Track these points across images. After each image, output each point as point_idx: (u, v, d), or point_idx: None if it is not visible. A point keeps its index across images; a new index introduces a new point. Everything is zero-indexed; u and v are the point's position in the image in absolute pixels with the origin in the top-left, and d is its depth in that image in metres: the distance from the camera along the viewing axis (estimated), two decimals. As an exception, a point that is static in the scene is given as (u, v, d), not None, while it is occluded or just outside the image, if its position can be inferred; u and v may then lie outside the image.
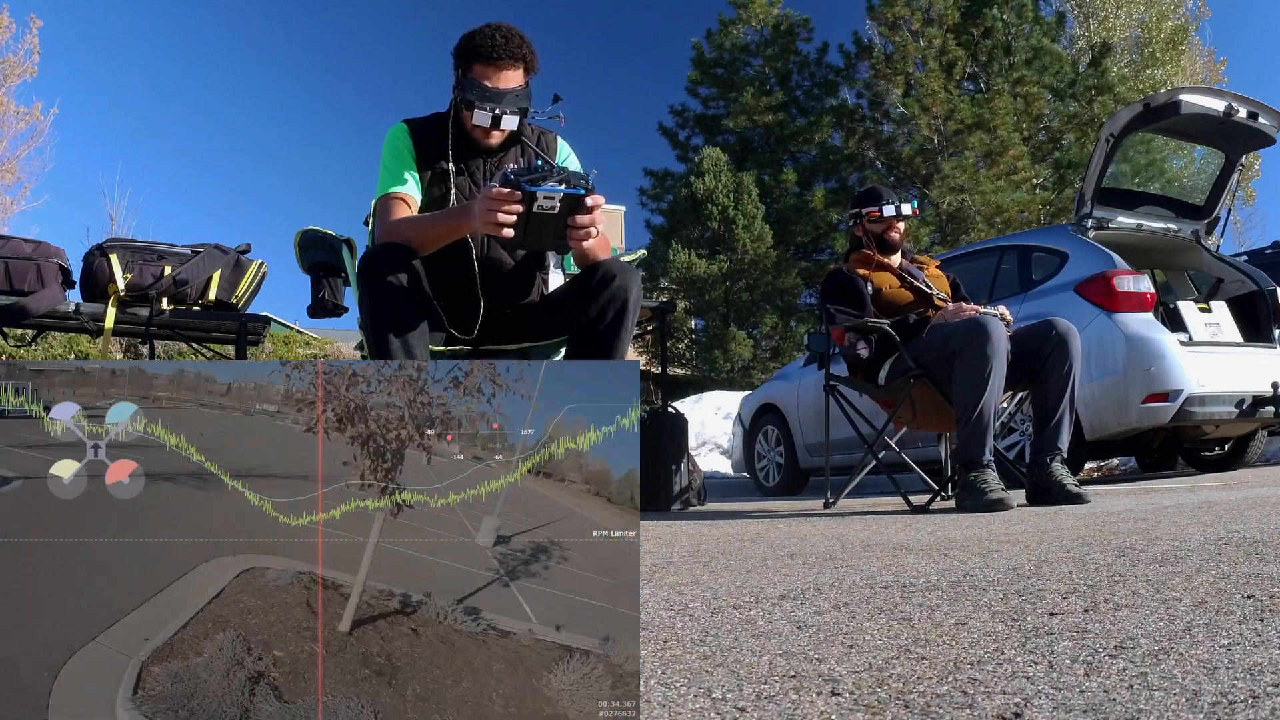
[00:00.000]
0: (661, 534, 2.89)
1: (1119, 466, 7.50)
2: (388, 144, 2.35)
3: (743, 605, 1.40)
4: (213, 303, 4.02)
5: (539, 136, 2.47)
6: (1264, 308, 5.25)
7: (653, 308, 5.30)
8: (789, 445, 6.66)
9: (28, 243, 3.81)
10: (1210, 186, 5.62)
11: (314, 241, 2.90)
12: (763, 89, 20.64)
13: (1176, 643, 0.98)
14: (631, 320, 2.19)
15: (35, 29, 15.59)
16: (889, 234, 3.78)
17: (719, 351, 17.76)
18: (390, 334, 2.08)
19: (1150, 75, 19.31)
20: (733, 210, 18.46)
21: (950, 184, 16.94)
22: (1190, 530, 2.05)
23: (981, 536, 2.24)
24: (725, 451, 10.28)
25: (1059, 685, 0.85)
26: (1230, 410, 4.58)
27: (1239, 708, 0.75)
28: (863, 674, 0.94)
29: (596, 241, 2.08)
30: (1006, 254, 5.54)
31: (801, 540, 2.43)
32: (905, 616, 1.23)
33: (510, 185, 1.88)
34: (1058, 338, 3.37)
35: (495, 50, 2.23)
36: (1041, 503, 3.30)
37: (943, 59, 17.87)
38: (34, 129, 15.63)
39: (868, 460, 3.92)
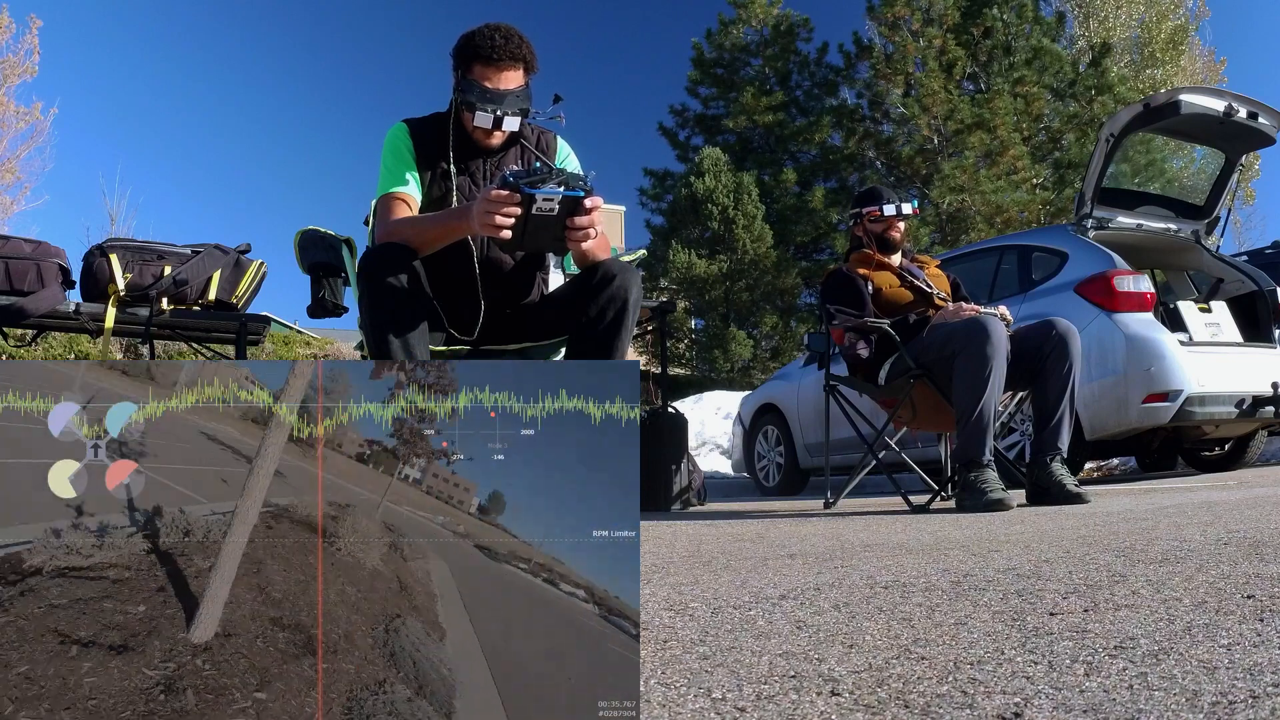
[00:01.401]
0: (661, 534, 2.89)
1: (1119, 466, 7.50)
2: (388, 144, 2.35)
3: (743, 605, 1.39)
4: (213, 303, 4.02)
5: (539, 137, 2.47)
6: (1264, 308, 5.25)
7: (653, 308, 5.30)
8: (789, 445, 6.66)
9: (28, 243, 3.81)
10: (1210, 186, 5.62)
11: (314, 241, 2.90)
12: (763, 89, 20.65)
13: (1176, 643, 0.98)
14: (631, 320, 2.19)
15: (35, 29, 15.61)
16: (889, 233, 3.78)
17: (719, 351, 17.76)
18: (390, 334, 2.08)
19: (1150, 75, 19.33)
20: (733, 210, 18.47)
21: (950, 184, 16.95)
22: (1190, 530, 2.05)
23: (981, 536, 2.24)
24: (725, 451, 10.28)
25: (1059, 685, 0.85)
26: (1230, 410, 4.58)
27: (1239, 708, 0.75)
28: (863, 674, 0.94)
29: (596, 242, 2.07)
30: (1006, 254, 5.54)
31: (801, 540, 2.43)
32: (905, 616, 1.23)
33: (509, 188, 1.88)
34: (1058, 338, 3.37)
35: (495, 51, 2.23)
36: (1041, 503, 3.30)
37: (943, 59, 17.87)
38: (34, 129, 15.65)
39: (868, 460, 3.92)
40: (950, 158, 17.65)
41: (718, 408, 11.90)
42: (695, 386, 16.03)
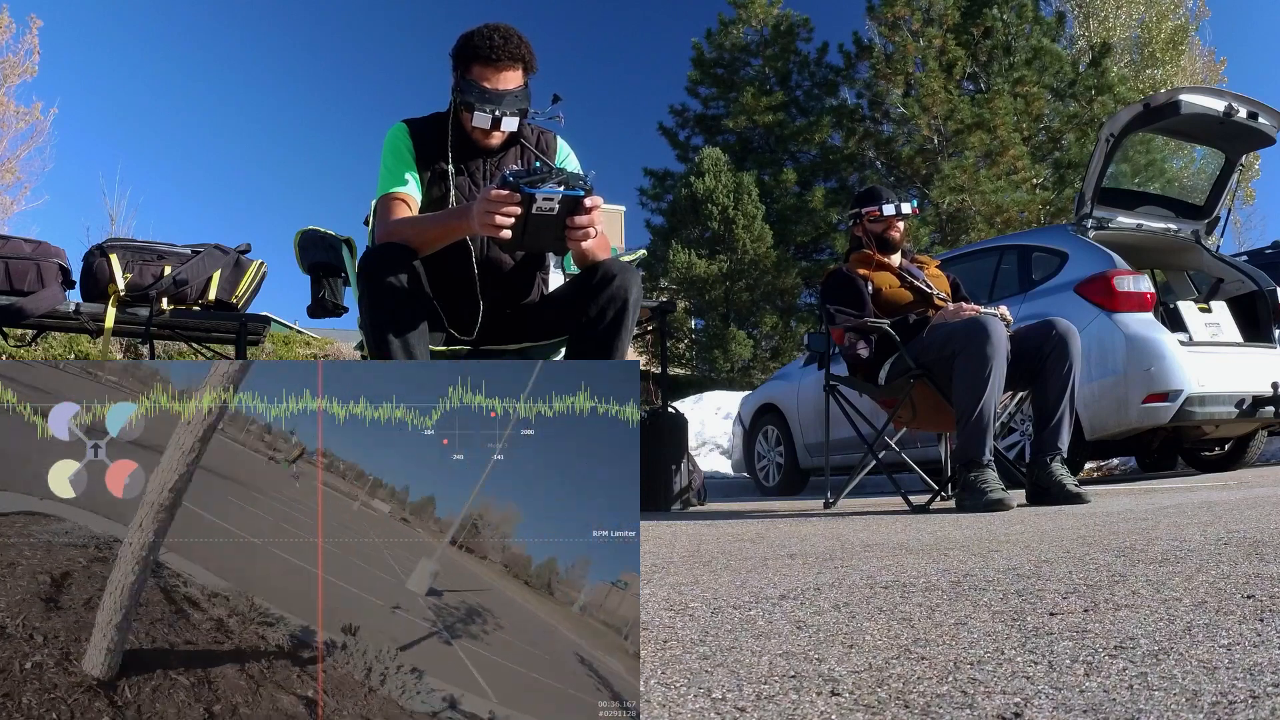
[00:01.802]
0: (661, 534, 2.89)
1: (1119, 466, 7.50)
2: (388, 144, 2.35)
3: (743, 605, 1.39)
4: (213, 303, 4.02)
5: (539, 137, 2.47)
6: (1264, 308, 5.25)
7: (653, 308, 5.30)
8: (789, 445, 6.66)
9: (28, 243, 3.81)
10: (1210, 186, 5.62)
11: (314, 241, 2.90)
12: (763, 89, 20.65)
13: (1176, 643, 0.98)
14: (631, 320, 2.19)
15: (35, 29, 15.61)
16: (889, 233, 3.78)
17: (719, 351, 17.76)
18: (390, 334, 2.08)
19: (1150, 75, 19.33)
20: (733, 210, 18.47)
21: (950, 184, 16.95)
22: (1190, 530, 2.05)
23: (981, 536, 2.24)
24: (725, 451, 10.28)
25: (1059, 685, 0.85)
26: (1230, 410, 4.58)
27: (1239, 708, 0.75)
28: (863, 674, 0.94)
29: (596, 242, 2.07)
30: (1006, 254, 5.54)
31: (801, 540, 2.43)
32: (905, 616, 1.23)
33: (509, 187, 1.88)
34: (1058, 338, 3.37)
35: (494, 51, 2.23)
36: (1041, 503, 3.30)
37: (943, 59, 17.87)
38: (34, 129, 15.66)
39: (868, 460, 3.92)
40: (950, 158, 17.65)
41: (718, 408, 11.90)
42: (695, 386, 16.03)
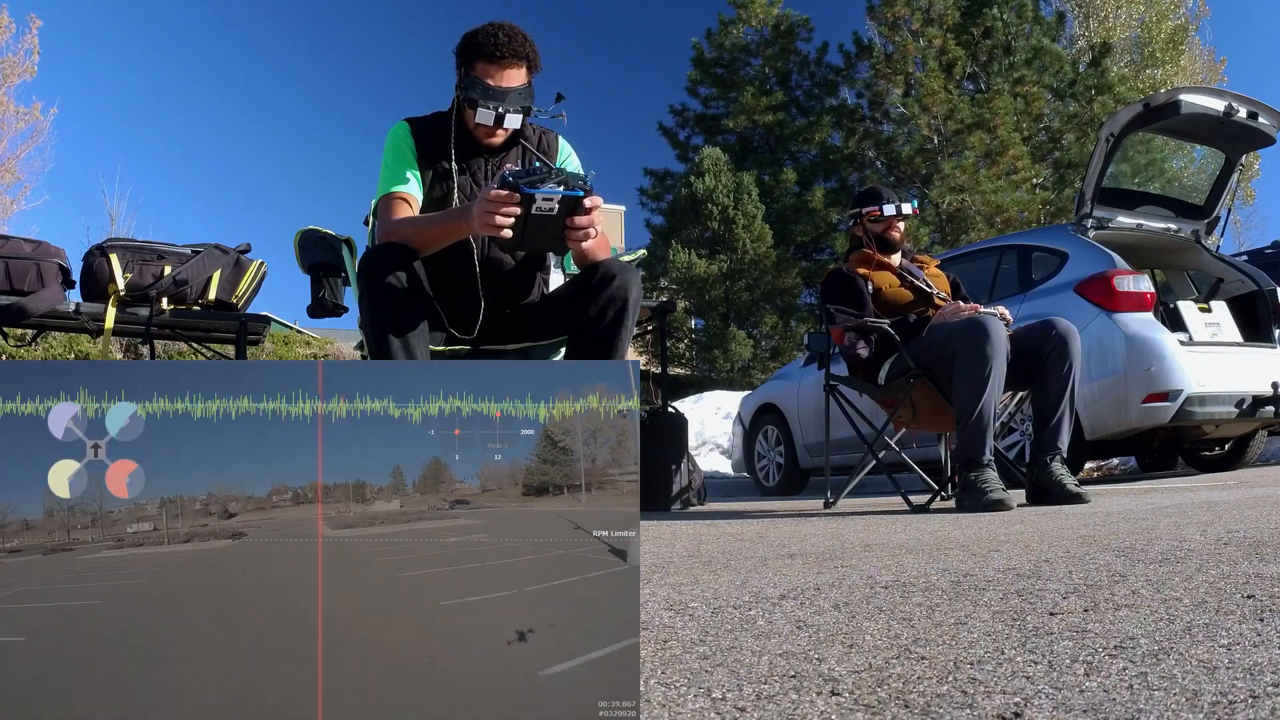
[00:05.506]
0: (661, 534, 2.89)
1: (1119, 466, 7.50)
2: (389, 143, 2.35)
3: (743, 605, 1.39)
4: (213, 302, 4.02)
5: (540, 136, 2.47)
6: (1264, 308, 5.25)
7: (653, 308, 5.29)
8: (789, 445, 6.66)
9: (28, 243, 3.81)
10: (1210, 186, 5.62)
11: (314, 241, 2.90)
12: (763, 89, 20.66)
13: (1176, 643, 0.98)
14: (631, 320, 2.19)
15: (35, 29, 15.60)
16: (889, 233, 3.79)
17: (719, 351, 17.76)
18: (390, 334, 2.08)
19: (1150, 75, 19.33)
20: (733, 210, 18.47)
21: (950, 184, 16.95)
22: (1190, 530, 2.05)
23: (981, 536, 2.24)
24: (725, 451, 10.28)
25: (1059, 685, 0.85)
26: (1230, 410, 4.58)
27: (1239, 708, 0.75)
28: (863, 674, 0.94)
29: (596, 242, 2.08)
30: (1006, 254, 5.54)
31: (801, 540, 2.43)
32: (905, 616, 1.23)
33: (509, 187, 1.88)
34: (1058, 337, 3.37)
35: (498, 48, 2.23)
36: (1041, 503, 3.30)
37: (943, 59, 17.87)
38: (34, 129, 15.65)
39: (868, 460, 3.92)
40: (950, 158, 17.66)
41: (718, 408, 11.90)
42: (695, 386, 16.04)
